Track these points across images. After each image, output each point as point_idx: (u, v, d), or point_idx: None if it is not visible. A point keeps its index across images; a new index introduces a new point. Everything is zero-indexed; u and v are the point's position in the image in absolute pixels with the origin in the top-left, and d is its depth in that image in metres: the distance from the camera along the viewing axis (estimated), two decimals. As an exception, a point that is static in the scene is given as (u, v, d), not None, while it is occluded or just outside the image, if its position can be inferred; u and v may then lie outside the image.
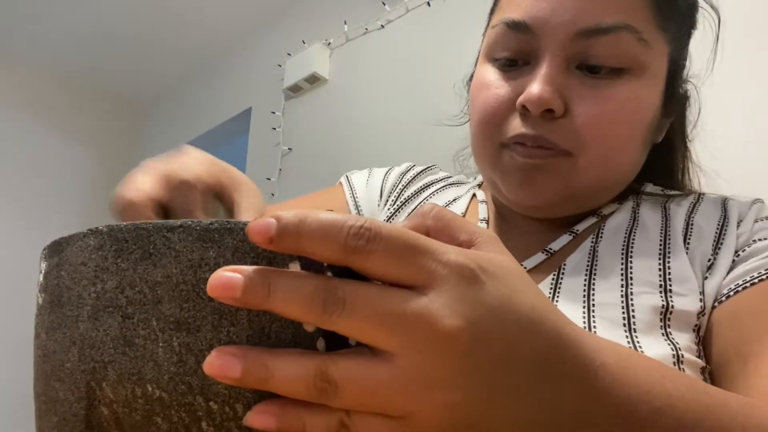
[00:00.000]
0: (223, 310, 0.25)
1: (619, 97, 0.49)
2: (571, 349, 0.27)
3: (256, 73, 2.48)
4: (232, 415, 0.25)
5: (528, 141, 0.50)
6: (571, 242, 0.55)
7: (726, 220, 0.53)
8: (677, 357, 0.44)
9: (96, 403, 0.26)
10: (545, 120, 0.49)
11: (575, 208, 0.55)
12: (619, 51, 0.49)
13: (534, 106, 0.49)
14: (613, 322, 0.46)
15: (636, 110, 0.50)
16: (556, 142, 0.50)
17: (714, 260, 0.50)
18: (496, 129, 0.53)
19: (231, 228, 0.25)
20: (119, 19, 2.56)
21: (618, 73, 0.49)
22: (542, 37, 0.50)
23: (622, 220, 0.55)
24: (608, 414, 0.28)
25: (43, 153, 2.90)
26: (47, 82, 2.97)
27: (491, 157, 0.54)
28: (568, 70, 0.50)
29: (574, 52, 0.49)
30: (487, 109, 0.53)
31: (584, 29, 0.48)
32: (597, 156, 0.50)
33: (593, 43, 0.48)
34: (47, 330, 0.28)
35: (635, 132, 0.51)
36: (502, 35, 0.53)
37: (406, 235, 0.24)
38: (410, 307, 0.23)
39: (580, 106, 0.49)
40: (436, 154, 1.42)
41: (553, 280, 0.52)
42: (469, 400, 0.24)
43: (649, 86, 0.51)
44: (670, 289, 0.48)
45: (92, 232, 0.27)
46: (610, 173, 0.52)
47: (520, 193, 0.52)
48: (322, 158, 2.00)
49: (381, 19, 1.91)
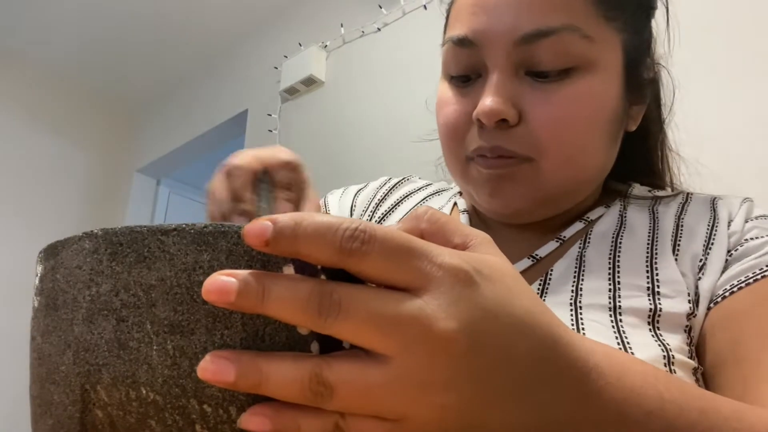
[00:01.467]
0: (217, 314, 0.25)
1: (570, 96, 0.49)
2: (564, 351, 0.27)
3: (252, 76, 2.48)
4: (226, 418, 0.25)
5: (487, 152, 0.51)
6: (559, 248, 0.55)
7: (716, 220, 0.53)
8: (668, 358, 0.44)
9: (90, 406, 0.26)
10: (501, 130, 0.50)
11: (554, 210, 0.55)
12: (564, 51, 0.49)
13: (486, 118, 0.49)
14: (603, 325, 0.47)
15: (591, 106, 0.50)
16: (515, 150, 0.50)
17: (705, 260, 0.50)
18: (458, 144, 0.54)
19: (225, 231, 0.26)
20: (116, 22, 2.56)
21: (567, 73, 0.49)
22: (486, 49, 0.50)
23: (610, 224, 0.56)
24: (600, 416, 0.28)
25: (39, 155, 2.89)
26: (43, 84, 2.96)
27: (460, 170, 0.55)
28: (517, 78, 0.50)
29: (520, 59, 0.50)
30: (448, 125, 0.54)
31: (524, 35, 0.49)
32: (559, 158, 0.50)
33: (536, 48, 0.49)
34: (42, 333, 0.28)
35: (595, 128, 0.51)
36: (451, 53, 0.53)
37: (401, 238, 0.24)
38: (405, 310, 0.23)
39: (533, 111, 0.49)
40: (432, 157, 1.42)
41: (540, 286, 0.52)
42: (464, 403, 0.25)
43: (603, 80, 0.51)
44: (658, 291, 0.48)
45: (87, 236, 0.27)
46: (578, 172, 0.52)
47: (493, 203, 0.53)
48: (318, 161, 2.00)
49: (377, 22, 1.92)
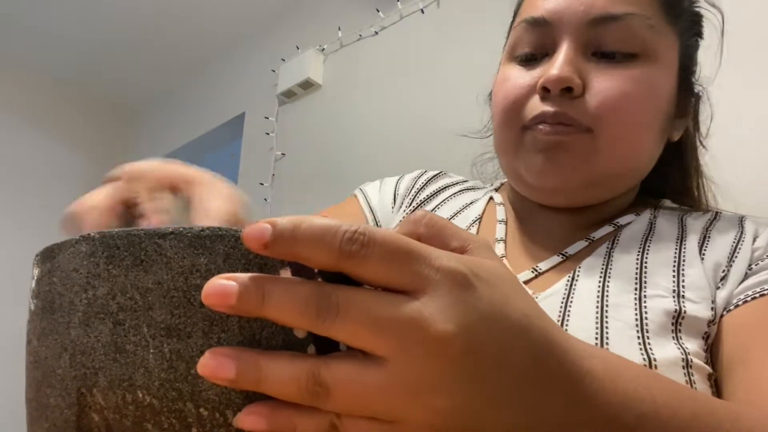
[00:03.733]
0: (213, 317, 0.25)
1: (633, 77, 0.52)
2: (559, 355, 0.27)
3: (249, 78, 2.48)
4: (223, 422, 0.25)
5: (549, 119, 0.53)
6: (587, 248, 0.56)
7: (742, 235, 0.54)
8: (686, 361, 0.44)
9: (87, 410, 0.26)
10: (565, 99, 0.52)
11: (594, 195, 0.56)
12: (630, 36, 0.52)
13: (553, 84, 0.52)
14: (626, 324, 0.47)
15: (650, 92, 0.53)
16: (576, 118, 0.52)
17: (727, 272, 0.51)
18: (517, 114, 0.56)
19: (222, 235, 0.26)
20: (113, 23, 2.56)
21: (631, 57, 0.53)
22: (559, 27, 0.54)
23: (639, 229, 0.57)
24: (594, 420, 0.28)
25: (35, 158, 2.88)
26: (39, 87, 2.95)
27: (514, 143, 0.56)
28: (585, 56, 0.54)
29: (589, 39, 0.53)
30: (509, 97, 0.56)
31: (596, 17, 0.53)
32: (615, 134, 0.52)
33: (605, 30, 0.53)
34: (39, 336, 0.28)
35: (650, 113, 0.54)
36: (523, 32, 0.57)
37: (400, 241, 0.25)
38: (403, 312, 0.23)
39: (597, 84, 0.52)
40: (430, 161, 1.43)
41: (568, 282, 0.52)
42: (460, 406, 0.25)
43: (661, 73, 0.54)
44: (683, 294, 0.48)
45: (84, 239, 0.27)
46: (629, 153, 0.54)
47: (544, 174, 0.54)
48: (315, 163, 2.00)
49: (375, 26, 1.92)
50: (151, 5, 2.43)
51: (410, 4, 1.82)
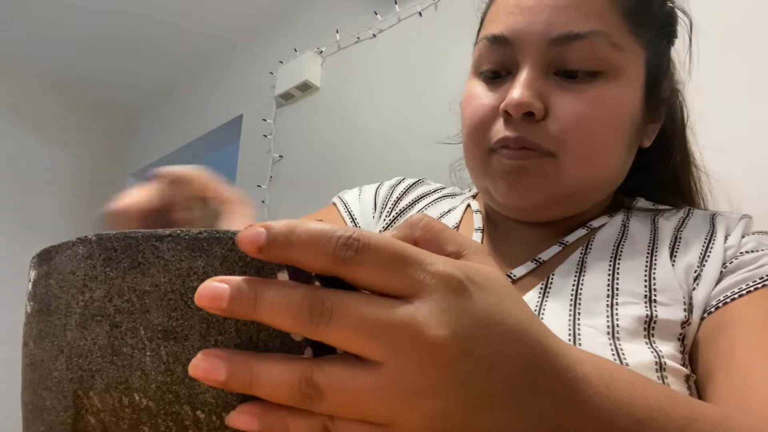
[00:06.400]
0: (211, 320, 0.25)
1: (596, 97, 0.51)
2: (554, 361, 0.27)
3: (247, 81, 2.48)
4: (219, 425, 0.25)
5: (511, 143, 0.52)
6: (561, 253, 0.56)
7: (713, 234, 0.54)
8: (659, 364, 0.44)
9: (83, 412, 0.26)
10: (527, 123, 0.52)
11: (564, 211, 0.56)
12: (593, 55, 0.51)
13: (514, 109, 0.51)
14: (598, 330, 0.47)
15: (614, 110, 0.52)
16: (538, 143, 0.52)
17: (700, 272, 0.51)
18: (483, 136, 0.55)
19: (220, 237, 0.26)
20: (110, 25, 2.55)
21: (594, 76, 0.52)
22: (520, 47, 0.53)
23: (612, 232, 0.57)
24: (589, 426, 0.28)
25: (32, 159, 2.87)
26: (36, 88, 2.95)
27: (481, 163, 0.56)
28: (547, 76, 0.53)
29: (551, 59, 0.52)
30: (474, 118, 0.56)
31: (558, 36, 0.51)
32: (579, 155, 0.52)
33: (568, 49, 0.51)
34: (35, 338, 0.28)
35: (615, 132, 0.53)
36: (485, 50, 0.56)
37: (395, 246, 0.25)
38: (397, 316, 0.23)
39: (559, 107, 0.51)
40: (427, 163, 1.43)
41: (542, 289, 0.52)
42: (453, 410, 0.25)
43: (626, 89, 0.53)
44: (654, 299, 0.49)
45: (81, 241, 0.27)
46: (594, 173, 0.54)
47: (510, 196, 0.54)
48: (313, 166, 2.00)
49: (373, 29, 1.92)
50: (150, 7, 2.43)
51: (408, 7, 1.82)
